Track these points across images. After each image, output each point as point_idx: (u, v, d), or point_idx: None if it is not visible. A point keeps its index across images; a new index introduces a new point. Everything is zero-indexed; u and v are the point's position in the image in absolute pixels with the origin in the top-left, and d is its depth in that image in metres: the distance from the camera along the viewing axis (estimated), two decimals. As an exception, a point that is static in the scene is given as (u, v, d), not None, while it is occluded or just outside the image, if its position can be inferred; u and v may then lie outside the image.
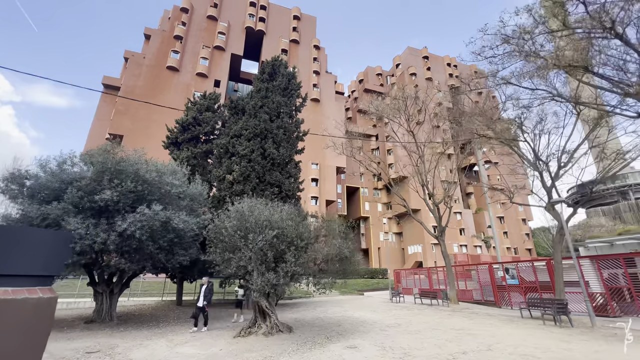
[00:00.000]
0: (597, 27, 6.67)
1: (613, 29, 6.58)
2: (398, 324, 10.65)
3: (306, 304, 19.46)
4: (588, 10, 6.66)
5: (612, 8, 6.60)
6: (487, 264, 19.07)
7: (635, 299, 12.22)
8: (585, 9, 6.70)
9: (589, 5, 6.68)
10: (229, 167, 15.71)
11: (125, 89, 40.83)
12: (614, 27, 6.56)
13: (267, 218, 8.50)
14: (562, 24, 7.27)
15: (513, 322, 11.44)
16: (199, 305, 9.98)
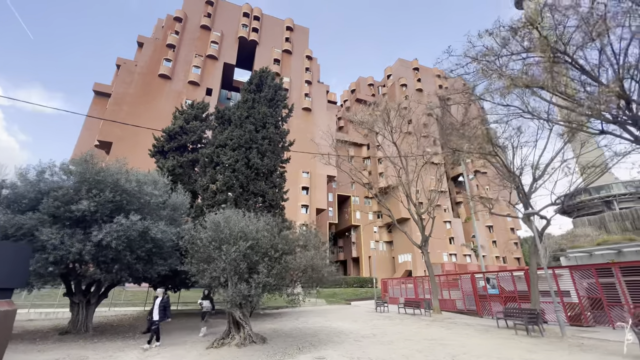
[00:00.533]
0: (551, 51, 7.13)
1: (566, 53, 7.03)
2: (374, 334, 10.76)
3: (290, 314, 19.40)
4: (542, 34, 7.13)
5: (563, 33, 7.07)
6: (470, 273, 19.33)
7: (607, 309, 12.55)
8: (539, 34, 7.17)
9: (542, 31, 7.15)
10: (212, 177, 15.83)
11: (116, 96, 40.83)
12: (567, 51, 7.01)
13: (242, 229, 8.64)
14: (522, 47, 7.75)
15: (488, 332, 11.64)
16: (153, 319, 9.09)
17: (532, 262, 13.89)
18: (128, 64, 44.16)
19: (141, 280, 13.30)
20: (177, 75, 44.75)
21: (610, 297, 12.74)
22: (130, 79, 42.46)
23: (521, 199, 14.16)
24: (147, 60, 43.98)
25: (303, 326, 12.81)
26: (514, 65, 9.95)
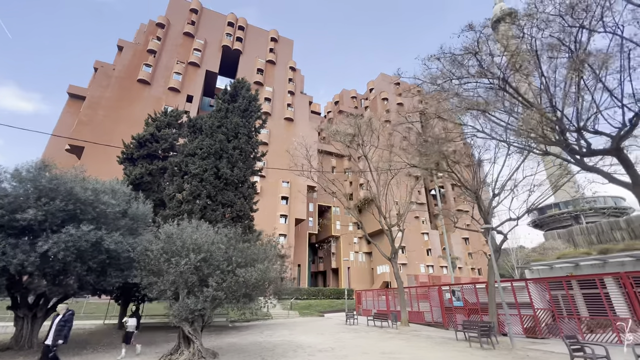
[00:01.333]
0: (490, 78, 7.68)
1: (504, 79, 7.58)
2: (332, 348, 10.75)
3: (258, 327, 19.06)
4: (481, 64, 7.69)
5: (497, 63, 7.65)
6: (437, 286, 19.72)
7: (557, 320, 13.09)
8: (479, 63, 7.72)
9: (482, 61, 7.71)
10: (179, 186, 15.61)
11: (91, 99, 39.79)
12: (505, 78, 7.56)
13: (195, 241, 8.56)
14: (467, 72, 8.30)
15: (446, 344, 11.86)
16: (46, 343, 7.09)
17: (490, 274, 14.38)
18: (106, 67, 43.27)
19: (94, 292, 12.82)
20: (156, 81, 44.17)
21: (561, 309, 13.33)
22: (107, 82, 41.57)
23: (481, 214, 14.74)
24: (126, 64, 43.28)
25: (264, 340, 12.63)
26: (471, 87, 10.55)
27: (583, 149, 7.62)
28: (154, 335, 14.65)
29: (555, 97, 7.48)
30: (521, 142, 9.73)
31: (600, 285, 12.28)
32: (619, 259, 19.30)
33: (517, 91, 7.78)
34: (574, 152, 8.05)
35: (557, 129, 7.60)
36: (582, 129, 7.32)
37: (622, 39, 7.53)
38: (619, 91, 7.63)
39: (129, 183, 17.95)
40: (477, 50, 7.49)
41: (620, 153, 7.34)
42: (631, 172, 7.57)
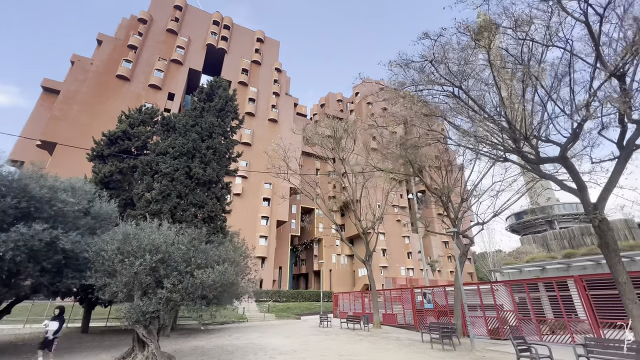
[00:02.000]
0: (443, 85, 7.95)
1: (453, 84, 7.87)
2: (295, 350, 10.72)
3: (230, 330, 18.77)
4: (436, 71, 7.97)
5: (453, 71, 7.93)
6: (409, 288, 20.01)
7: (518, 322, 13.53)
8: (433, 70, 7.98)
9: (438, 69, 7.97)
10: (149, 185, 15.25)
11: (66, 94, 38.42)
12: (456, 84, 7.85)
13: (152, 242, 8.36)
14: (427, 79, 8.57)
15: (411, 345, 12.02)
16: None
17: (456, 277, 14.71)
18: (83, 61, 41.89)
19: (53, 294, 12.30)
20: (136, 77, 43.10)
21: (526, 311, 13.78)
22: (84, 77, 40.24)
23: (449, 218, 15.09)
24: (105, 59, 42.06)
25: (230, 343, 12.44)
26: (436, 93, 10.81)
27: (532, 157, 7.97)
28: (120, 339, 14.18)
29: (507, 107, 7.80)
30: (481, 148, 10.05)
31: (557, 287, 12.78)
32: (581, 263, 20.16)
33: (471, 98, 8.07)
34: (527, 159, 8.40)
35: (510, 137, 7.91)
36: (529, 138, 7.64)
37: (570, 54, 7.92)
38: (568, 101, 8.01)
39: (98, 181, 17.44)
40: (432, 58, 7.74)
41: (566, 161, 7.70)
42: (576, 178, 7.95)
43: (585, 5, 7.20)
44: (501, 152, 8.77)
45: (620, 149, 7.94)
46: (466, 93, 7.96)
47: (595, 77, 7.56)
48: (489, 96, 9.25)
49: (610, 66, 6.91)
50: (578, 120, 7.26)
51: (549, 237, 65.02)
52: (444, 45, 7.52)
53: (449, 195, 14.12)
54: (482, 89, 8.36)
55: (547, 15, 7.48)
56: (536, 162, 8.24)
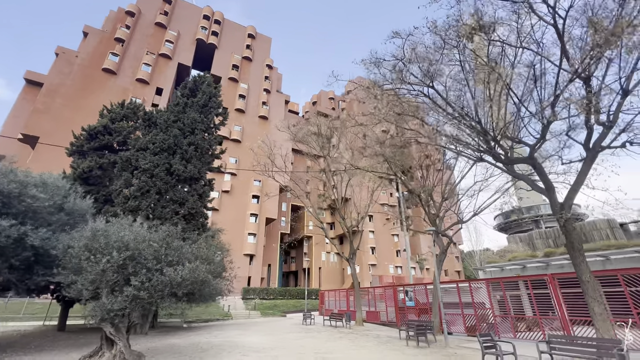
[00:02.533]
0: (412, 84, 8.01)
1: (425, 83, 7.95)
2: (271, 347, 10.71)
3: (212, 327, 18.66)
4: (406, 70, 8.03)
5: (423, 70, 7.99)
6: (392, 286, 20.18)
7: (494, 320, 13.76)
8: (403, 70, 8.04)
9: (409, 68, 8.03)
10: (127, 181, 14.99)
11: (50, 87, 37.49)
12: (427, 83, 7.93)
13: (121, 239, 8.22)
14: (400, 78, 8.63)
15: (388, 343, 12.13)
16: None
17: (434, 276, 14.87)
18: (68, 53, 40.88)
19: (24, 292, 12.03)
20: (123, 71, 42.28)
21: (502, 308, 14.02)
22: (68, 69, 39.30)
23: (428, 216, 15.24)
24: (91, 52, 41.12)
25: (207, 341, 12.36)
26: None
27: (502, 157, 8.10)
28: (97, 337, 13.91)
29: (480, 107, 7.90)
30: (456, 148, 10.15)
31: (531, 286, 13.04)
32: (559, 262, 20.60)
33: (442, 97, 8.13)
34: (499, 159, 8.51)
35: (481, 137, 8.01)
36: (498, 139, 7.74)
37: (541, 56, 8.02)
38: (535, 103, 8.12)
39: (77, 176, 17.09)
40: (403, 57, 7.77)
41: (534, 162, 7.84)
42: (544, 179, 8.10)
43: (553, 9, 7.30)
44: (474, 152, 8.88)
45: (587, 150, 8.10)
46: (438, 92, 8.02)
47: (565, 81, 7.67)
48: (464, 96, 9.33)
49: (574, 68, 7.03)
50: (544, 122, 7.38)
51: (535, 236, 66.40)
52: (415, 44, 7.56)
53: (430, 194, 14.24)
54: (458, 88, 8.43)
55: (516, 17, 7.56)
56: (507, 162, 8.36)
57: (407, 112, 8.64)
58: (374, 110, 8.82)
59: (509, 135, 8.27)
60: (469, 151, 10.27)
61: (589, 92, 7.34)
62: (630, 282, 10.15)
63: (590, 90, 7.37)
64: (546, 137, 7.66)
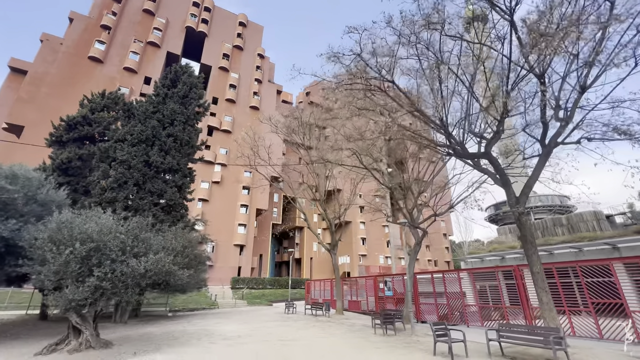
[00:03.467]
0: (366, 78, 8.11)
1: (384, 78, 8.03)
2: (240, 335, 11.01)
3: (195, 316, 19.04)
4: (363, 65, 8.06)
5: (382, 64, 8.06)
6: (372, 276, 20.62)
7: (464, 309, 14.20)
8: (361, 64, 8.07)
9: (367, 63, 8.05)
10: (104, 172, 15.01)
11: (34, 75, 36.85)
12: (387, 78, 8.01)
13: (84, 231, 8.34)
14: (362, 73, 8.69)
15: (358, 331, 12.49)
16: None
17: (410, 265, 15.25)
18: (52, 40, 40.02)
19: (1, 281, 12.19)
20: (110, 60, 41.53)
21: (469, 298, 14.45)
22: (53, 57, 38.53)
23: (406, 209, 15.49)
24: (76, 39, 40.26)
25: (182, 329, 12.66)
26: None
27: (459, 151, 8.26)
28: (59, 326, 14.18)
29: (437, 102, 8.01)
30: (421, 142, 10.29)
31: (503, 277, 13.44)
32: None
33: (401, 91, 8.21)
34: (458, 154, 8.68)
35: (438, 131, 8.14)
36: (451, 133, 7.88)
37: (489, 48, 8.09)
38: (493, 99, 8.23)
39: (55, 167, 17.05)
40: (359, 51, 7.80)
41: (490, 156, 8.01)
42: (500, 174, 8.29)
43: (511, 6, 7.35)
44: (435, 146, 9.04)
45: (542, 146, 8.28)
46: (397, 87, 8.08)
47: (522, 78, 7.77)
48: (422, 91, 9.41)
49: (529, 65, 7.13)
50: (497, 118, 7.51)
51: (524, 228, 67.17)
52: (375, 38, 7.58)
53: (408, 188, 14.44)
54: (417, 83, 8.52)
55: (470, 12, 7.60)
56: (463, 156, 8.53)
57: (367, 107, 8.74)
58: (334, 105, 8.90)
59: (466, 129, 8.41)
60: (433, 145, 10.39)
61: (543, 88, 7.46)
62: (585, 273, 10.52)
63: (544, 85, 7.49)
64: (500, 133, 7.81)
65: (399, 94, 8.28)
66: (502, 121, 7.51)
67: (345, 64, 8.16)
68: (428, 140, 8.92)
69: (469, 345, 9.10)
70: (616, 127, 7.74)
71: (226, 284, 36.53)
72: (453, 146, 8.36)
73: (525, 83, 7.76)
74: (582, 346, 8.19)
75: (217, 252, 40.21)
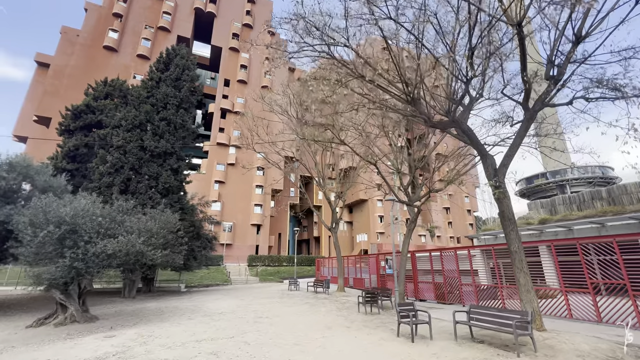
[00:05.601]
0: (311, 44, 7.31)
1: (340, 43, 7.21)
2: (226, 312, 11.35)
3: (203, 292, 20.07)
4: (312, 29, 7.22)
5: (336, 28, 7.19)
6: (375, 255, 20.32)
7: (460, 288, 13.56)
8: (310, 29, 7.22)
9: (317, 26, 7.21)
10: (102, 158, 15.63)
11: (55, 68, 38.81)
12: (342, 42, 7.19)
13: (58, 214, 8.73)
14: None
15: (345, 309, 12.40)
16: None
17: (404, 244, 14.71)
18: (69, 33, 41.56)
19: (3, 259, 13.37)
20: (124, 48, 42.55)
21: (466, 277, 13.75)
22: (71, 49, 40.18)
23: (402, 187, 14.75)
24: (91, 29, 41.50)
25: (176, 305, 13.32)
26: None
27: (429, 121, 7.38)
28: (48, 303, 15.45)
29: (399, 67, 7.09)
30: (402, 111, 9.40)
31: (496, 255, 12.56)
32: (553, 229, 19.55)
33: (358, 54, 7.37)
34: (430, 123, 7.81)
35: (400, 99, 7.30)
36: (416, 99, 6.99)
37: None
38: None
39: (64, 155, 18.04)
40: (303, 14, 6.97)
41: (460, 124, 7.08)
42: (474, 144, 7.37)
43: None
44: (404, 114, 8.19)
45: (525, 110, 7.24)
46: (354, 50, 7.26)
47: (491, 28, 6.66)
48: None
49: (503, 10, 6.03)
50: (463, 80, 6.54)
51: (557, 202, 63.22)
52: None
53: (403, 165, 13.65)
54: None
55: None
56: (431, 125, 7.65)
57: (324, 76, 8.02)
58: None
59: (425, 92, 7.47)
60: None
61: (521, 40, 6.39)
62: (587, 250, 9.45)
63: (522, 37, 6.39)
64: (472, 98, 6.84)
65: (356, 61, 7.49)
66: (468, 83, 6.53)
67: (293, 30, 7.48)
68: (393, 110, 8.11)
69: (442, 326, 8.68)
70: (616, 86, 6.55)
71: (243, 262, 38.09)
72: (420, 115, 7.51)
73: (501, 35, 6.62)
74: (563, 330, 7.45)
75: (235, 231, 41.74)
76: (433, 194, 16.20)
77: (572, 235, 18.17)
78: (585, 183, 66.85)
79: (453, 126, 7.29)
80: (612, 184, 65.84)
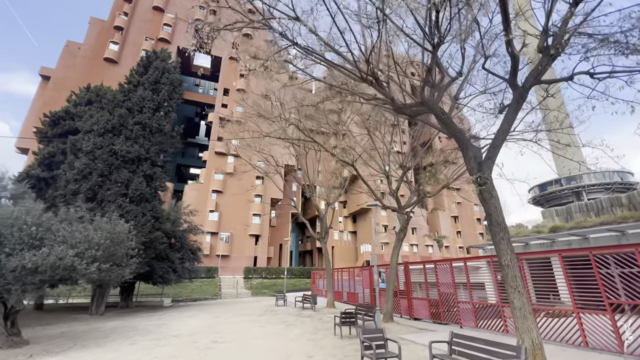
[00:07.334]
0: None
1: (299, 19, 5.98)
2: (179, 335, 9.96)
3: (187, 307, 18.75)
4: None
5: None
6: (369, 267, 18.65)
7: (457, 305, 11.82)
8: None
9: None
10: (70, 164, 14.76)
11: (56, 80, 39.23)
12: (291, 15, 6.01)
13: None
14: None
15: (321, 330, 10.86)
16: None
17: (393, 255, 13.14)
18: (71, 46, 42.22)
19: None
20: (124, 60, 42.90)
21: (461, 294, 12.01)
22: (72, 62, 40.69)
23: (391, 192, 13.30)
24: (92, 42, 42.09)
25: (136, 325, 12.01)
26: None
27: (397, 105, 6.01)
28: (58, 316, 14.34)
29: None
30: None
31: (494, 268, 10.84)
32: (566, 238, 17.61)
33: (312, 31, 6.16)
34: (398, 109, 6.46)
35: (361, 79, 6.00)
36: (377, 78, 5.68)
37: None
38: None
39: (39, 163, 17.32)
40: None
41: (431, 107, 5.68)
42: (450, 130, 5.95)
43: None
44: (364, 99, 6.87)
45: (513, 88, 5.84)
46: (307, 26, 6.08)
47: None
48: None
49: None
50: (430, 50, 5.22)
51: (574, 209, 59.86)
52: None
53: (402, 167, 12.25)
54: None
55: None
56: (399, 109, 6.28)
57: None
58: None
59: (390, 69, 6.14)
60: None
61: (503, 7, 5.07)
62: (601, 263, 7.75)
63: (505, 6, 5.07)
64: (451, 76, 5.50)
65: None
66: (435, 52, 5.20)
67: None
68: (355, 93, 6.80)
69: (423, 357, 7.08)
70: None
71: (239, 274, 36.66)
72: (384, 98, 6.18)
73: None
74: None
75: (232, 242, 40.52)
76: (440, 204, 14.65)
77: (587, 245, 16.20)
78: (602, 189, 63.52)
79: (423, 110, 5.92)
80: (632, 190, 62.01)
